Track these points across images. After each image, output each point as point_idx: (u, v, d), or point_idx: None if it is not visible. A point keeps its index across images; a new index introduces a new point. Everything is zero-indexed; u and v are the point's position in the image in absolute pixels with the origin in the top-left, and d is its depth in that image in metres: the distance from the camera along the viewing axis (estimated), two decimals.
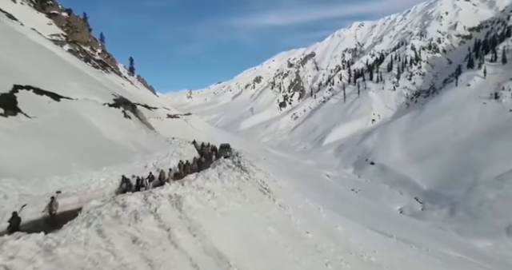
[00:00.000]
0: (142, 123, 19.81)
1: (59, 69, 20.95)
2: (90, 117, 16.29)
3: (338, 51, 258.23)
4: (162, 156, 16.63)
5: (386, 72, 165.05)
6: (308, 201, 19.98)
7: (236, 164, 16.89)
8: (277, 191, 15.86)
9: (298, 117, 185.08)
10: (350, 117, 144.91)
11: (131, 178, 12.70)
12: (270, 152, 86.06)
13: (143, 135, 17.37)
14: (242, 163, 17.82)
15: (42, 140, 12.96)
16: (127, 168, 13.59)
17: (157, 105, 64.20)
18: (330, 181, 65.51)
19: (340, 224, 17.38)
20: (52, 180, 10.42)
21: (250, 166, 18.54)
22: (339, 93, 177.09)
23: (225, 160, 17.80)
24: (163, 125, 40.29)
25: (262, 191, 13.10)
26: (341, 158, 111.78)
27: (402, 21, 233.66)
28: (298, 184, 37.90)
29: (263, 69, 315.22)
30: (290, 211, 12.36)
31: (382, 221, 36.50)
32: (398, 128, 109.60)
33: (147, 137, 17.55)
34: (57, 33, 58.44)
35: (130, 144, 15.64)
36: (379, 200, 65.96)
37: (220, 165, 15.01)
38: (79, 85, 18.89)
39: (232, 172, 13.64)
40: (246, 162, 19.90)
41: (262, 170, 22.12)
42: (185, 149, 20.19)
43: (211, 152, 27.43)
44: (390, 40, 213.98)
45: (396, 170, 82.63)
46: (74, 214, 6.24)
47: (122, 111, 17.33)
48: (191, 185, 8.66)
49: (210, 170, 13.16)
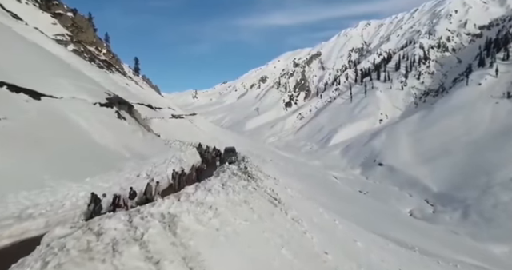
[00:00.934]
0: (139, 124, 18.17)
1: (46, 66, 18.87)
2: (76, 117, 14.52)
3: (345, 51, 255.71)
4: (158, 162, 15.05)
5: (393, 71, 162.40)
6: (322, 211, 18.44)
7: (242, 170, 15.27)
8: (288, 201, 14.26)
9: (304, 117, 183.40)
10: (357, 117, 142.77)
11: (106, 195, 10.27)
12: (276, 153, 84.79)
13: (139, 138, 15.74)
14: (248, 169, 16.22)
15: (11, 145, 10.99)
16: (115, 179, 11.95)
17: (161, 105, 63.50)
18: (337, 183, 63.97)
19: (358, 237, 15.83)
20: (17, 196, 8.46)
21: (258, 172, 16.89)
22: (345, 93, 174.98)
23: (230, 166, 15.91)
24: (167, 126, 39.37)
25: (272, 202, 11.62)
26: (348, 159, 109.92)
27: (410, 20, 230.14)
28: (305, 187, 36.59)
29: (268, 68, 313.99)
30: (305, 226, 10.92)
31: (395, 226, 34.98)
32: (406, 128, 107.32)
33: (144, 141, 16.02)
34: (61, 32, 58.11)
35: (123, 148, 14.01)
36: (388, 202, 64.15)
37: (224, 173, 13.28)
38: (67, 82, 16.97)
39: (238, 182, 11.93)
40: (254, 168, 18.29)
41: (270, 176, 20.56)
42: (186, 154, 18.69)
43: (215, 156, 25.46)
44: (397, 39, 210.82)
45: (405, 171, 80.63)
46: (36, 244, 4.63)
47: (116, 111, 15.63)
48: (189, 200, 7.29)
49: (212, 180, 11.41)
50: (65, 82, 16.87)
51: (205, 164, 19.67)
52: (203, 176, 15.03)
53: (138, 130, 16.42)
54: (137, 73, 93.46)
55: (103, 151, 13.51)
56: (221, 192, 8.61)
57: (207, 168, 19.34)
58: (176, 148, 20.50)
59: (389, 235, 27.59)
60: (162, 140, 22.48)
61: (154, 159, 15.08)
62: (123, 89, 48.91)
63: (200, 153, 24.80)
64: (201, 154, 24.55)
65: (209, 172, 16.80)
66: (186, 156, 18.09)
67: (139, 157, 14.43)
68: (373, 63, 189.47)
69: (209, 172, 16.31)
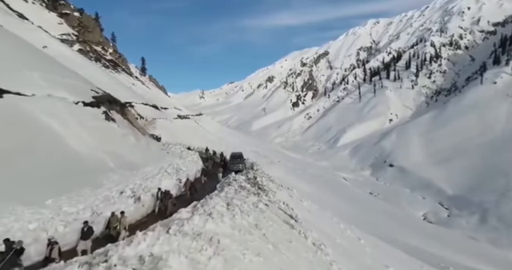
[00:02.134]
0: (132, 127, 15.54)
1: (14, 55, 15.61)
2: (49, 119, 11.93)
3: (353, 50, 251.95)
4: (152, 172, 12.87)
5: (403, 70, 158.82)
6: (344, 227, 16.49)
7: (251, 181, 13.34)
8: (306, 218, 12.23)
9: (312, 117, 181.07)
10: (366, 116, 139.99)
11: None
12: (283, 154, 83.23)
13: (131, 143, 13.34)
14: (258, 179, 14.13)
15: None
16: (89, 200, 9.42)
17: (167, 105, 62.63)
18: (347, 185, 62.07)
19: (389, 261, 13.71)
20: None
21: (270, 183, 14.95)
22: (354, 93, 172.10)
23: (236, 177, 13.79)
24: (171, 127, 38.28)
25: (288, 223, 9.69)
26: (357, 160, 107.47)
27: (420, 18, 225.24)
28: (316, 190, 35.04)
29: (275, 68, 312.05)
30: (330, 253, 9.10)
31: (412, 233, 33.15)
32: (417, 128, 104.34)
33: (136, 146, 13.62)
34: (67, 32, 57.81)
35: (107, 157, 11.67)
36: (400, 204, 61.97)
37: (230, 187, 11.18)
38: (39, 76, 14.02)
39: (246, 198, 9.90)
40: (264, 178, 16.17)
41: (283, 186, 18.61)
42: (186, 161, 16.60)
43: (219, 162, 22.96)
44: (407, 37, 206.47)
45: (417, 173, 78.06)
46: None
47: (104, 112, 13.24)
48: (182, 232, 5.40)
49: (214, 198, 9.08)
50: (37, 76, 14.08)
51: (205, 177, 17.21)
52: (205, 191, 12.97)
53: (129, 134, 13.92)
54: (143, 73, 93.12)
55: (80, 161, 10.97)
56: (225, 216, 6.77)
57: (210, 179, 17.43)
58: (175, 154, 18.34)
59: (409, 244, 25.86)
60: (160, 145, 20.05)
61: (146, 169, 12.97)
62: (128, 89, 48.16)
63: (203, 160, 22.32)
64: (204, 160, 22.28)
65: (212, 184, 14.94)
66: (185, 165, 16.00)
67: (127, 167, 12.17)
68: (382, 62, 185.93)
69: (212, 185, 14.37)
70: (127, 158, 12.60)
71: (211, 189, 12.65)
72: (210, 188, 13.49)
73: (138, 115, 34.64)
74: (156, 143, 18.83)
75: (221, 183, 13.73)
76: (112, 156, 11.97)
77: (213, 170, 21.16)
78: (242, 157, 22.85)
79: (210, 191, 12.11)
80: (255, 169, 19.29)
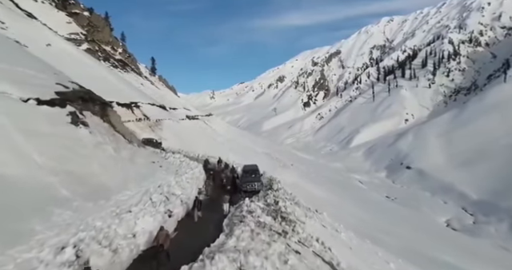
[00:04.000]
0: (114, 133, 12.01)
1: None
2: None
3: (366, 48, 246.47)
4: (129, 202, 9.02)
5: (419, 68, 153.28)
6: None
7: (272, 209, 9.31)
8: (350, 263, 9.13)
9: (323, 117, 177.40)
10: (380, 116, 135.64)
11: None
12: (295, 155, 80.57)
13: (105, 157, 9.79)
14: (281, 204, 10.00)
15: None
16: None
17: (176, 105, 61.08)
18: (363, 189, 58.95)
19: None
20: None
21: (295, 207, 10.78)
22: (367, 92, 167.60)
23: (251, 205, 9.67)
24: (178, 128, 36.34)
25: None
26: (371, 161, 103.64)
27: (437, 15, 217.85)
28: (333, 196, 32.47)
29: (286, 68, 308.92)
30: None
31: (440, 244, 30.16)
32: (436, 128, 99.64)
33: (114, 161, 10.04)
34: (76, 31, 57.05)
35: (61, 180, 7.94)
36: (420, 209, 58.32)
37: (243, 226, 7.69)
38: None
39: (269, 247, 6.66)
40: (288, 200, 12.04)
41: (310, 209, 14.15)
42: (183, 179, 12.75)
43: (231, 176, 17.40)
44: (423, 34, 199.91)
45: (437, 176, 73.94)
46: None
47: (70, 113, 9.74)
48: None
49: (217, 258, 5.90)
50: None
51: (199, 211, 11.55)
52: (198, 237, 8.97)
53: (105, 143, 10.16)
54: (153, 73, 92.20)
55: (9, 191, 6.95)
56: None
57: (212, 206, 13.22)
58: (171, 168, 14.23)
59: (439, 258, 23.04)
60: (153, 155, 15.42)
61: (122, 195, 9.14)
62: (134, 89, 46.73)
63: (208, 173, 17.89)
64: (210, 174, 17.75)
65: (214, 217, 11.18)
66: (181, 185, 12.25)
67: (92, 195, 8.37)
68: (396, 60, 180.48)
69: (213, 223, 10.44)
70: (95, 180, 8.97)
71: (217, 226, 9.32)
72: (208, 231, 9.63)
73: (144, 116, 32.89)
74: (146, 153, 14.49)
75: (229, 217, 10.00)
76: (69, 178, 8.22)
77: (222, 182, 16.71)
78: (257, 172, 17.24)
79: (215, 221, 9.14)
80: (275, 189, 14.61)
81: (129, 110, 31.67)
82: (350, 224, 24.85)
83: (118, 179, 9.54)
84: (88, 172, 8.93)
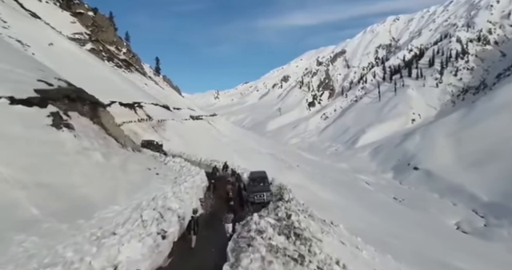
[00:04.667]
0: (105, 136, 10.75)
1: None
2: None
3: (371, 48, 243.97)
4: (114, 221, 7.50)
5: (426, 68, 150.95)
6: None
7: (284, 225, 7.77)
8: None
9: (329, 117, 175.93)
10: (386, 116, 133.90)
11: None
12: (300, 156, 79.58)
13: (91, 165, 8.52)
14: (294, 219, 8.22)
15: None
16: None
17: (180, 105, 60.61)
18: (370, 190, 57.77)
19: None
20: None
21: (310, 221, 9.14)
22: (373, 92, 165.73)
23: (260, 222, 7.93)
24: (182, 128, 35.68)
25: None
26: (377, 162, 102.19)
27: (444, 13, 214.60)
28: (340, 198, 31.53)
29: (291, 68, 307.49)
30: None
31: (452, 249, 29.04)
32: (444, 128, 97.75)
33: (102, 169, 8.78)
34: (80, 31, 56.91)
35: (30, 196, 6.55)
36: (428, 211, 56.93)
37: (251, 252, 6.38)
38: None
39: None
40: (302, 213, 9.90)
41: (325, 221, 12.80)
42: (182, 189, 11.22)
43: (235, 185, 15.50)
44: (430, 33, 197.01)
45: (446, 177, 72.30)
46: None
47: (51, 114, 8.57)
48: None
49: None
50: None
51: (195, 233, 9.34)
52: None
53: (93, 149, 8.89)
54: (157, 73, 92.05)
55: None
56: None
57: (213, 224, 11.22)
58: (169, 176, 12.72)
59: (452, 264, 22.00)
60: (149, 160, 13.99)
61: (107, 212, 7.75)
62: (137, 88, 46.28)
63: (210, 182, 15.88)
64: (211, 183, 15.70)
65: (215, 239, 9.43)
66: (180, 197, 10.57)
67: (71, 212, 6.98)
68: (403, 60, 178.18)
69: (219, 240, 9.03)
70: (76, 193, 7.53)
71: (213, 261, 7.38)
72: (209, 259, 7.84)
73: (147, 116, 32.31)
74: (142, 159, 12.91)
75: (234, 239, 8.23)
76: (42, 193, 6.76)
77: (229, 198, 13.90)
78: (266, 180, 15.17)
79: (209, 266, 6.94)
80: (287, 199, 12.44)
81: (132, 110, 31.12)
82: (360, 228, 23.92)
83: (104, 191, 8.08)
84: (67, 184, 7.48)
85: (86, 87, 30.77)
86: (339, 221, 24.22)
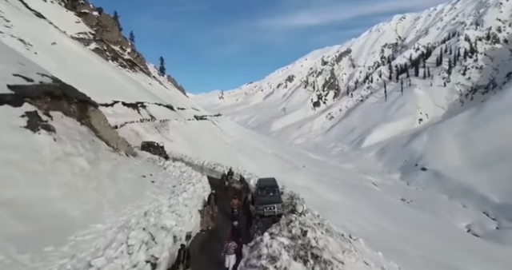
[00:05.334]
0: (94, 138, 9.47)
1: None
2: None
3: (377, 47, 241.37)
4: (91, 247, 5.94)
5: (434, 67, 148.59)
6: None
7: (299, 245, 6.40)
8: None
9: (334, 117, 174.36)
10: (393, 116, 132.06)
11: None
12: (306, 156, 78.56)
13: (74, 172, 7.16)
14: (310, 236, 6.79)
15: None
16: None
17: (184, 105, 60.08)
18: (378, 191, 56.56)
19: None
20: None
21: (328, 238, 7.40)
22: (379, 91, 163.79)
23: (273, 243, 6.32)
24: (186, 129, 35.02)
25: None
26: (384, 162, 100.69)
27: (452, 11, 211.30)
28: (348, 200, 30.59)
29: (295, 67, 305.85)
30: None
31: (465, 254, 27.90)
32: (452, 128, 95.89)
33: (87, 177, 7.45)
34: (84, 31, 56.69)
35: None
36: (437, 213, 55.57)
37: None
38: None
39: None
40: (318, 228, 8.04)
41: (344, 236, 10.90)
42: (180, 200, 9.66)
43: (242, 196, 13.75)
44: (437, 32, 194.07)
45: (455, 178, 70.74)
46: None
47: (27, 114, 7.24)
48: None
49: None
50: None
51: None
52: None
53: (77, 154, 7.59)
54: (162, 73, 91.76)
55: None
56: None
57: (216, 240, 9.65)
58: (167, 184, 11.18)
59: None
60: (146, 165, 12.52)
61: (88, 230, 6.40)
62: (140, 88, 45.77)
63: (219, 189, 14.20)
64: (212, 195, 12.71)
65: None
66: (178, 210, 9.09)
67: (39, 235, 5.64)
68: (409, 59, 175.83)
69: None
70: (51, 210, 6.15)
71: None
72: None
73: (150, 116, 31.72)
74: (137, 164, 11.49)
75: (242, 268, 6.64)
76: (2, 212, 5.48)
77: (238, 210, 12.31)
78: (276, 189, 13.25)
79: None
80: (300, 211, 10.93)
81: (135, 110, 30.58)
82: (370, 232, 23.01)
83: (86, 205, 6.60)
84: (39, 199, 6.04)
85: (88, 86, 29.63)
86: (347, 224, 23.26)
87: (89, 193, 6.98)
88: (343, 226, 20.49)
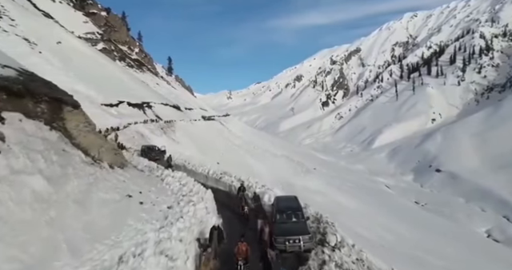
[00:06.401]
0: (66, 147, 6.99)
1: None
2: None
3: (387, 45, 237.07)
4: None
5: (447, 65, 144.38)
6: None
7: None
8: None
9: (343, 116, 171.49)
10: (404, 116, 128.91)
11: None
12: (315, 157, 76.76)
13: (20, 199, 4.46)
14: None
15: None
16: None
17: (192, 105, 59.19)
18: (391, 194, 54.53)
19: None
20: None
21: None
22: (390, 91, 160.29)
23: None
24: (193, 130, 33.86)
25: None
26: (396, 163, 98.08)
27: (466, 8, 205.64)
28: (362, 205, 28.98)
29: (304, 67, 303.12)
30: None
31: (487, 261, 26.05)
32: (468, 128, 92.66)
33: (41, 204, 4.75)
34: (92, 31, 56.39)
35: None
36: (455, 217, 53.22)
37: None
38: None
39: None
40: (354, 262, 6.64)
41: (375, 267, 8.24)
42: (173, 233, 7.04)
43: (259, 229, 9.38)
44: (450, 29, 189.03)
45: (472, 180, 67.97)
46: None
47: None
48: None
49: None
50: None
51: None
52: None
53: (31, 172, 5.10)
54: (170, 73, 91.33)
55: None
56: None
57: None
58: (158, 204, 8.47)
59: None
60: (135, 179, 9.56)
61: None
62: (147, 88, 44.94)
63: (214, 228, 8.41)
64: (214, 229, 8.26)
65: None
66: (167, 251, 6.29)
67: None
68: (421, 57, 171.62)
69: None
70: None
71: None
72: None
73: (156, 116, 30.71)
74: (123, 178, 8.66)
75: None
76: None
77: None
78: (299, 212, 9.98)
79: None
80: (334, 244, 8.31)
81: (140, 110, 29.62)
82: (389, 241, 21.42)
83: (30, 250, 4.21)
84: None
85: (93, 86, 28.19)
86: (365, 232, 21.62)
87: (39, 230, 4.50)
88: (361, 235, 18.97)
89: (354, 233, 18.31)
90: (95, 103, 25.35)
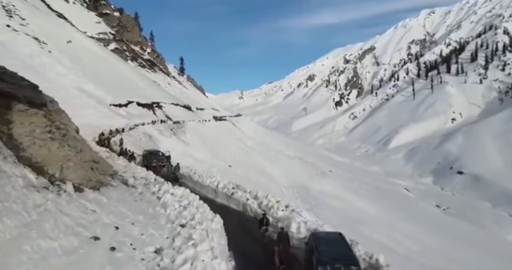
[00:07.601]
0: (4, 164, 4.98)
1: None
2: None
3: (403, 43, 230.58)
4: None
5: (468, 63, 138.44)
6: None
7: None
8: None
9: (357, 116, 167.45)
10: (422, 116, 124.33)
11: None
12: (330, 159, 74.49)
13: None
14: None
15: None
16: None
17: (203, 106, 58.30)
18: (411, 198, 51.86)
19: None
20: None
21: None
22: (406, 90, 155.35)
23: None
24: (204, 130, 32.67)
25: None
26: (413, 165, 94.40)
27: (487, 4, 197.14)
28: (386, 215, 27.05)
29: (316, 67, 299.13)
30: None
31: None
32: (491, 128, 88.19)
33: None
34: (104, 31, 56.38)
35: None
36: (481, 223, 49.94)
37: None
38: None
39: None
40: None
41: None
42: None
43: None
44: (471, 26, 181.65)
45: (498, 183, 64.18)
46: None
47: None
48: None
49: None
50: None
51: None
52: None
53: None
54: (182, 73, 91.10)
55: None
56: None
57: None
58: (147, 243, 5.78)
59: None
60: (115, 203, 7.05)
61: None
62: (157, 88, 44.21)
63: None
64: None
65: None
66: None
67: None
68: (440, 55, 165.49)
69: None
70: None
71: None
72: None
73: (166, 116, 29.70)
74: (91, 209, 5.91)
75: None
76: None
77: None
78: (352, 265, 6.24)
79: None
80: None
81: (150, 111, 28.68)
82: (417, 253, 19.48)
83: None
84: None
85: (101, 86, 27.14)
86: (388, 242, 19.84)
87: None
88: (388, 246, 17.17)
89: (380, 245, 16.54)
90: (103, 103, 24.52)
